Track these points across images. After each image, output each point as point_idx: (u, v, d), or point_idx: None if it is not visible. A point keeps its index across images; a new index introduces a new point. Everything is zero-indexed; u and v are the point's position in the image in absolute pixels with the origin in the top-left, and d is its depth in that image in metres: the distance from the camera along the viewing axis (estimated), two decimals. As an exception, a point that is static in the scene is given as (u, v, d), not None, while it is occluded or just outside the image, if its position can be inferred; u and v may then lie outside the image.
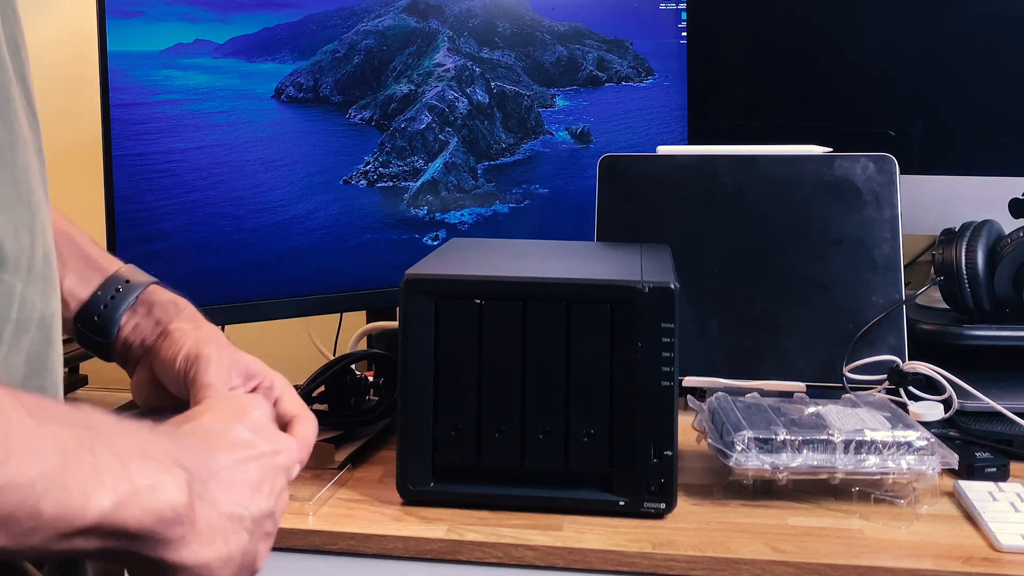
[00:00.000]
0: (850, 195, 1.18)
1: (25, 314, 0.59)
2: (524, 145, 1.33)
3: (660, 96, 1.41)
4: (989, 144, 1.40)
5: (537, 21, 1.34)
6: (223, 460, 0.61)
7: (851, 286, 1.17)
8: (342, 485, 0.98)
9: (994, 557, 0.83)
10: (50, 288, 0.63)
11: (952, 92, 1.41)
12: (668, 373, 0.89)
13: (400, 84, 1.25)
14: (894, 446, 0.90)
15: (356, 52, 1.22)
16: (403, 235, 1.25)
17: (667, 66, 1.41)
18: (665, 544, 0.85)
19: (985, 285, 1.15)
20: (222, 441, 0.62)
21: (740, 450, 0.90)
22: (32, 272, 0.60)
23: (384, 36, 1.24)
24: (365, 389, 1.13)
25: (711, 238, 1.20)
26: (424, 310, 0.91)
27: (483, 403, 0.91)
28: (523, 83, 1.33)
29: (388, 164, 1.24)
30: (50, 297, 0.62)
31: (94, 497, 0.50)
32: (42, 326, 0.61)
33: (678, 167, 1.22)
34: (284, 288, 1.17)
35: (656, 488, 0.89)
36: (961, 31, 1.40)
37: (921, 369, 1.10)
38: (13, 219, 0.59)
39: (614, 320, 0.89)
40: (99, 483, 0.50)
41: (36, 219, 0.61)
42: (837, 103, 1.45)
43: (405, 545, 0.87)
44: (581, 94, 1.37)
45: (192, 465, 0.56)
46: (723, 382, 1.12)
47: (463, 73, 1.29)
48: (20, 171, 0.60)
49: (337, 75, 1.21)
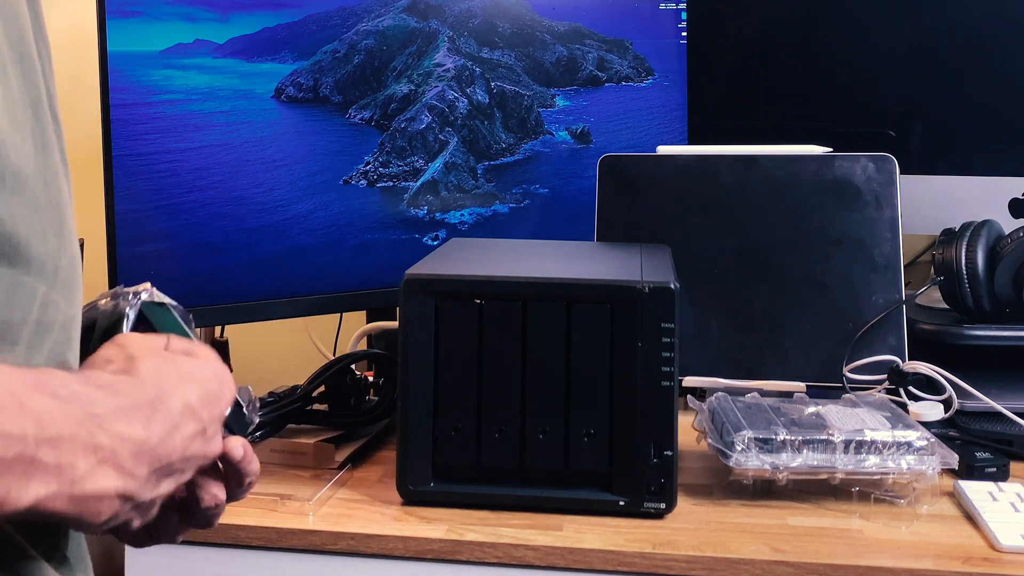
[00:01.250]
0: (850, 195, 1.18)
1: (48, 316, 0.59)
2: (524, 145, 1.33)
3: (660, 96, 1.41)
4: (989, 144, 1.40)
5: (537, 21, 1.34)
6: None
7: (851, 286, 1.17)
8: (342, 485, 0.98)
9: (994, 557, 0.83)
10: (74, 291, 0.63)
11: (952, 92, 1.41)
12: (668, 373, 0.89)
13: (400, 84, 1.25)
14: (894, 446, 0.90)
15: (356, 52, 1.22)
16: (403, 235, 1.25)
17: (667, 66, 1.41)
18: (665, 544, 0.85)
19: (985, 285, 1.15)
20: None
21: (740, 450, 0.90)
22: (58, 275, 0.60)
23: (384, 36, 1.24)
24: (365, 389, 1.13)
25: (711, 238, 1.20)
26: (424, 310, 0.91)
27: (483, 403, 0.91)
28: (523, 83, 1.33)
29: (388, 164, 1.24)
30: (73, 300, 0.63)
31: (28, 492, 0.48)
32: (64, 329, 0.61)
33: (678, 167, 1.22)
34: (284, 288, 1.17)
35: (656, 488, 0.89)
36: (961, 31, 1.40)
37: (921, 369, 1.10)
38: (43, 222, 0.59)
39: (614, 320, 0.89)
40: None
41: (64, 222, 0.62)
42: (837, 103, 1.45)
43: (405, 545, 0.87)
44: (581, 94, 1.37)
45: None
46: (723, 382, 1.12)
47: (463, 73, 1.29)
48: (50, 174, 0.61)
49: (337, 75, 1.21)
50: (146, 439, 0.55)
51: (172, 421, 0.57)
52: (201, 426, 0.60)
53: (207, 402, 0.61)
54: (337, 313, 1.41)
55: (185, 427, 0.58)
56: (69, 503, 0.50)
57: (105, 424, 0.52)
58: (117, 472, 0.53)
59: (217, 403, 0.62)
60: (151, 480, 0.56)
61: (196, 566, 0.91)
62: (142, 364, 0.59)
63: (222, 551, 0.90)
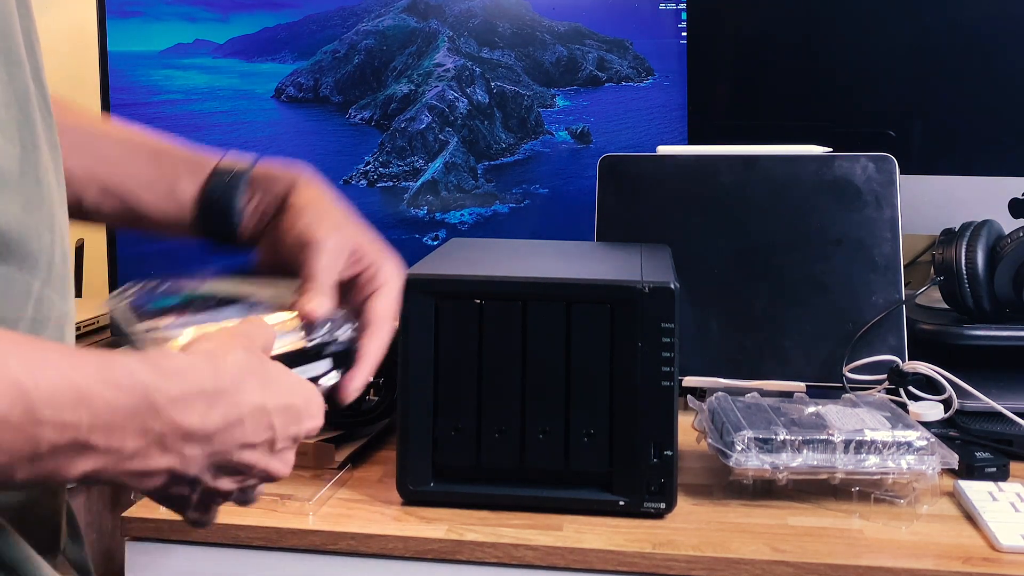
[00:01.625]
0: (850, 195, 1.18)
1: (43, 312, 0.60)
2: (524, 145, 1.33)
3: (660, 96, 1.41)
4: (989, 144, 1.40)
5: (537, 21, 1.34)
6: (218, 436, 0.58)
7: (851, 286, 1.17)
8: (342, 485, 0.98)
9: (994, 557, 0.83)
10: (68, 287, 0.63)
11: (952, 92, 1.41)
12: (668, 373, 0.89)
13: (400, 84, 1.25)
14: (894, 446, 0.90)
15: (356, 52, 1.22)
16: (403, 235, 1.25)
17: (667, 66, 1.41)
18: (665, 544, 0.85)
19: (985, 285, 1.15)
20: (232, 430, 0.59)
21: (740, 450, 0.90)
22: (52, 271, 0.61)
23: (384, 36, 1.24)
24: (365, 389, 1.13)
25: (711, 238, 1.20)
26: (424, 310, 0.91)
27: (483, 403, 0.91)
28: (523, 83, 1.33)
29: (388, 164, 1.24)
30: (67, 296, 0.63)
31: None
32: (59, 324, 0.61)
33: (678, 167, 1.22)
34: (284, 288, 1.17)
35: (656, 488, 0.89)
36: (961, 31, 1.40)
37: (921, 369, 1.10)
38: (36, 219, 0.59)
39: (614, 320, 0.89)
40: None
41: (55, 218, 0.62)
42: (837, 103, 1.45)
43: (405, 545, 0.87)
44: (581, 94, 1.37)
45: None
46: (723, 382, 1.12)
47: (463, 73, 1.29)
48: (42, 171, 0.61)
49: (337, 75, 1.21)
50: (199, 428, 0.56)
51: (236, 415, 0.58)
52: (270, 436, 0.60)
53: (284, 414, 0.60)
54: (337, 313, 1.41)
55: (250, 426, 0.58)
56: (116, 475, 0.54)
57: (162, 412, 0.54)
58: (162, 452, 0.55)
59: (296, 422, 0.61)
60: (202, 462, 0.57)
61: (196, 566, 0.91)
62: (232, 355, 0.59)
63: (222, 551, 0.90)
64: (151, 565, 0.91)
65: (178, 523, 0.89)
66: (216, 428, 0.57)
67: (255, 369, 0.60)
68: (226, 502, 0.63)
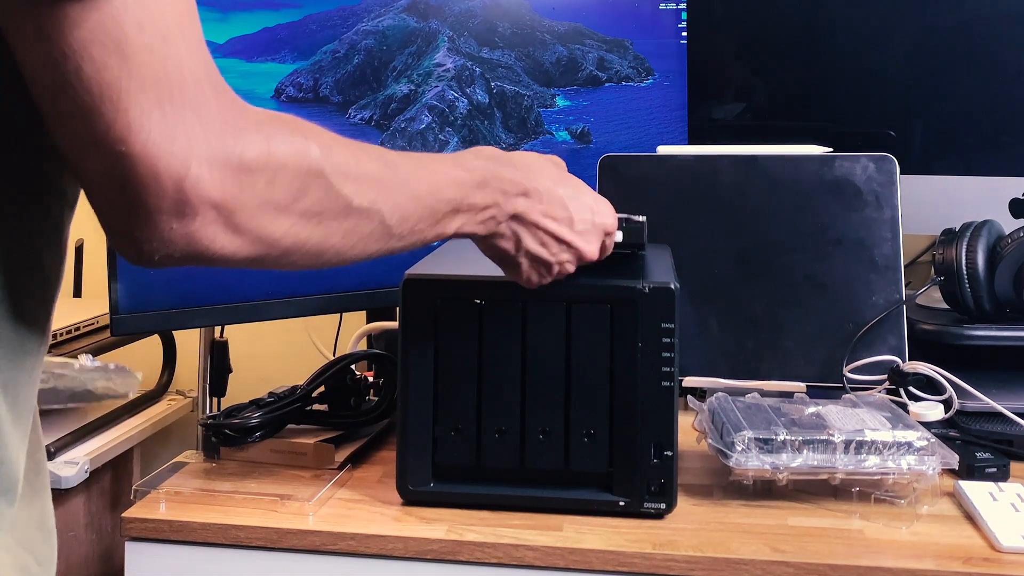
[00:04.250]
0: (850, 195, 1.18)
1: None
2: (524, 145, 1.33)
3: (660, 96, 1.41)
4: (989, 144, 1.40)
5: (537, 21, 1.34)
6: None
7: (851, 286, 1.17)
8: (342, 485, 0.98)
9: (994, 557, 0.83)
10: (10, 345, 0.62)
11: (952, 92, 1.41)
12: (668, 373, 0.89)
13: (400, 84, 1.25)
14: (894, 446, 0.90)
15: (356, 52, 1.22)
16: (403, 235, 1.24)
17: (667, 66, 1.41)
18: (665, 544, 0.85)
19: (985, 285, 1.15)
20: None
21: (740, 450, 0.90)
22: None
23: (384, 36, 1.24)
24: (365, 389, 1.13)
25: (711, 238, 1.20)
26: (424, 310, 0.91)
27: (483, 403, 0.91)
28: (523, 83, 1.33)
29: (388, 164, 1.23)
30: (12, 356, 0.61)
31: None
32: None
33: (678, 167, 1.22)
34: (284, 288, 1.17)
35: (656, 488, 0.89)
36: (961, 30, 1.40)
37: (921, 369, 1.10)
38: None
39: (614, 320, 0.89)
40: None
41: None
42: (837, 103, 1.45)
43: (405, 545, 0.87)
44: (581, 94, 1.37)
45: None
46: (723, 382, 1.12)
47: (463, 73, 1.29)
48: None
49: (337, 75, 1.21)
50: (522, 180, 0.79)
51: (546, 186, 0.80)
52: (567, 215, 0.81)
53: (576, 201, 0.83)
54: (337, 313, 1.41)
55: (547, 200, 0.80)
56: (476, 227, 0.77)
57: (501, 173, 0.78)
58: (503, 197, 0.78)
59: (589, 210, 0.84)
60: (531, 206, 0.79)
61: (196, 566, 0.91)
62: (534, 159, 0.83)
63: (222, 551, 0.90)
64: (151, 565, 0.91)
65: (178, 523, 0.90)
66: (534, 188, 0.79)
67: (551, 170, 0.83)
68: (551, 273, 0.83)
